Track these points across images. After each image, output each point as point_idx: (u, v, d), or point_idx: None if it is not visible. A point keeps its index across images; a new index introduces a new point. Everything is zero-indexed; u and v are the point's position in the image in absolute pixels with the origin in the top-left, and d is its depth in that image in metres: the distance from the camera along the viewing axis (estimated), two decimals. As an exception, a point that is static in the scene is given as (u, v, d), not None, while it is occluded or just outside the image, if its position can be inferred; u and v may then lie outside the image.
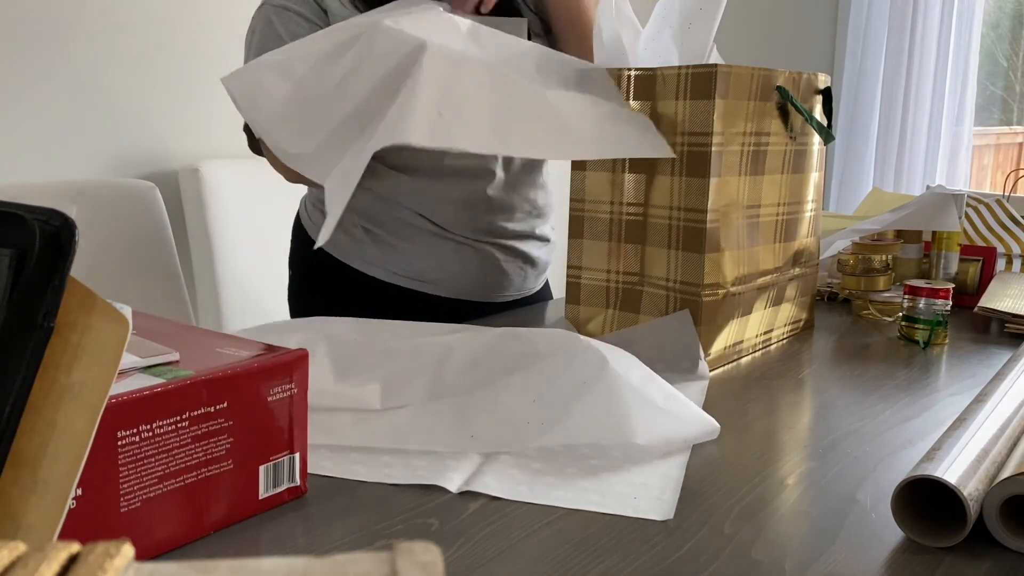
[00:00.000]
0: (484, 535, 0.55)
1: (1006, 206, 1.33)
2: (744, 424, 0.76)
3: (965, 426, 0.62)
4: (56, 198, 1.38)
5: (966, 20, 3.06)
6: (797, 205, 1.02)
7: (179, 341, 0.58)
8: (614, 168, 0.94)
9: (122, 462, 0.48)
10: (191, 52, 1.92)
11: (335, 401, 0.73)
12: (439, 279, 1.19)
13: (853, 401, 0.82)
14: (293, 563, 0.23)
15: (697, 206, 0.88)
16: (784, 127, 0.97)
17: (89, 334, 0.33)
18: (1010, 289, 1.17)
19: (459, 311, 1.14)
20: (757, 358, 0.97)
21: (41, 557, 0.23)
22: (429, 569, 0.22)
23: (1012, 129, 3.74)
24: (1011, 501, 0.54)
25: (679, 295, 0.91)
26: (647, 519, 0.57)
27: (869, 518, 0.58)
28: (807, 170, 1.03)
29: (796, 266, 1.04)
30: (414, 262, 1.18)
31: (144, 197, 1.46)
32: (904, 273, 1.28)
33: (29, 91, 1.68)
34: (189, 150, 1.94)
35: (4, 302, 0.31)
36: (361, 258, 1.20)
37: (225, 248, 1.88)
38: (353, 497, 0.60)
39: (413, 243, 1.18)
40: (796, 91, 0.97)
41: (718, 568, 0.51)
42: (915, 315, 1.03)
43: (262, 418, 0.55)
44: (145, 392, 0.48)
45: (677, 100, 0.89)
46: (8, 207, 0.32)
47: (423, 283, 1.19)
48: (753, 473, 0.65)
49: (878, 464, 0.67)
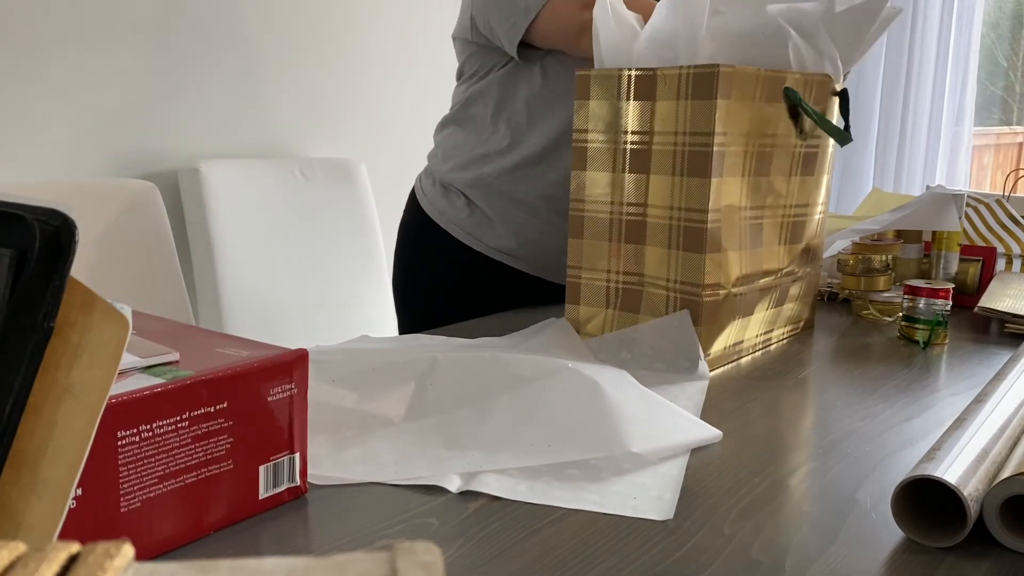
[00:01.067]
0: (484, 535, 0.55)
1: (1006, 206, 1.33)
2: (744, 424, 0.76)
3: (965, 426, 0.62)
4: (56, 198, 1.37)
5: (966, 20, 3.06)
6: (806, 207, 1.02)
7: (179, 341, 0.58)
8: (615, 168, 0.94)
9: (122, 462, 0.48)
10: (191, 52, 1.92)
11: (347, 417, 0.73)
12: (525, 255, 1.31)
13: (853, 401, 0.82)
14: (293, 563, 0.23)
15: (698, 206, 0.88)
16: (794, 128, 0.96)
17: (89, 334, 0.33)
18: (1010, 289, 1.17)
19: (544, 289, 1.31)
20: (757, 358, 0.97)
21: (41, 557, 0.23)
22: (429, 569, 0.22)
23: (1012, 129, 3.74)
24: (1011, 501, 0.54)
25: (679, 295, 0.91)
26: (647, 519, 0.57)
27: (869, 518, 0.58)
28: (818, 172, 1.02)
29: (799, 268, 1.04)
30: (507, 238, 1.30)
31: (144, 197, 1.46)
32: (904, 273, 1.28)
33: (29, 91, 1.68)
34: (189, 150, 1.94)
35: (4, 302, 0.31)
36: (460, 228, 1.32)
37: (225, 248, 1.88)
38: (353, 497, 0.60)
39: (506, 219, 1.29)
40: (808, 93, 0.97)
41: (718, 568, 0.51)
42: (915, 315, 1.03)
43: (262, 418, 0.55)
44: (145, 392, 0.48)
45: (678, 100, 0.88)
46: (8, 207, 0.32)
47: (515, 259, 1.31)
48: (753, 473, 0.65)
49: (878, 464, 0.67)
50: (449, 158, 1.34)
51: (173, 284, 1.48)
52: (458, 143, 1.33)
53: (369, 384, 0.75)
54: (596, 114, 0.94)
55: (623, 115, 0.92)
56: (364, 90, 2.28)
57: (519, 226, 1.29)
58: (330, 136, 2.25)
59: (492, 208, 1.29)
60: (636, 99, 0.92)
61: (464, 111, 1.33)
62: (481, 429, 0.69)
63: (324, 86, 2.22)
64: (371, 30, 2.27)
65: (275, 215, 1.99)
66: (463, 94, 1.34)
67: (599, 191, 0.95)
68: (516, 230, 1.29)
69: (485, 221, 1.30)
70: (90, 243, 1.33)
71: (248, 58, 2.02)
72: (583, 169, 0.96)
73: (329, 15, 2.20)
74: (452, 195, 1.32)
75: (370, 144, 2.30)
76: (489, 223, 1.30)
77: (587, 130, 0.95)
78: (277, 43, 2.08)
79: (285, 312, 1.98)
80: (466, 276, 1.32)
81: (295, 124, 2.17)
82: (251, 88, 2.05)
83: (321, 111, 2.22)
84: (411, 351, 0.82)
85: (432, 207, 1.34)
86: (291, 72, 2.13)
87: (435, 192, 1.34)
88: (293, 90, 2.14)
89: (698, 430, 0.71)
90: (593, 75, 0.94)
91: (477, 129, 1.31)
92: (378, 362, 0.77)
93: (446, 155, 1.34)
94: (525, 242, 1.30)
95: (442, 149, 1.36)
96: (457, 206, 1.31)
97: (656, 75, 0.90)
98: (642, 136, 0.92)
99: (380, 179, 2.24)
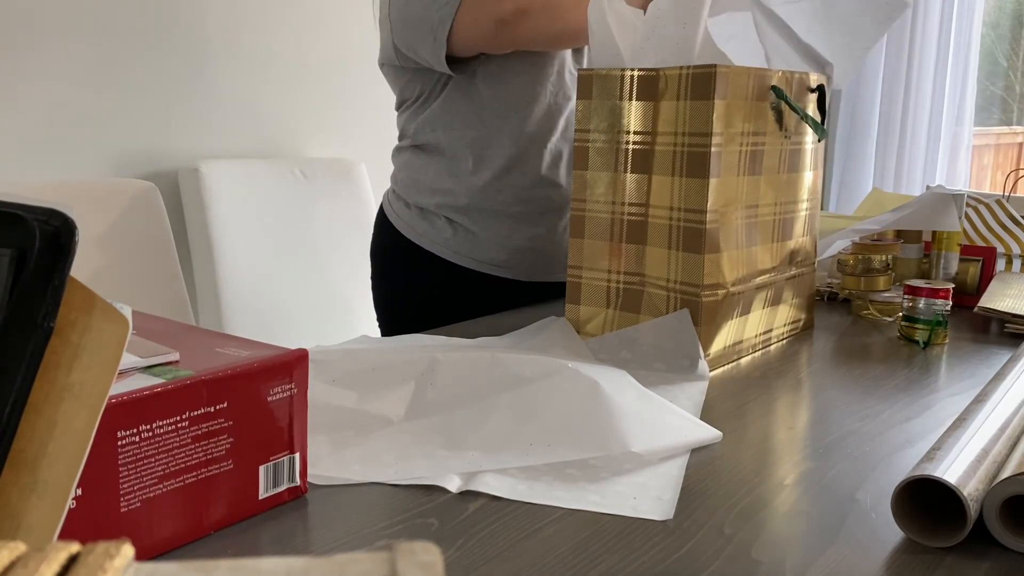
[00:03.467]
0: (484, 535, 0.55)
1: (1006, 206, 1.33)
2: (744, 424, 0.76)
3: (965, 426, 0.62)
4: (56, 198, 1.37)
5: (966, 20, 3.06)
6: (793, 204, 1.02)
7: (179, 341, 0.58)
8: (615, 168, 0.94)
9: (122, 462, 0.48)
10: (191, 52, 1.91)
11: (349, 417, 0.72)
12: (516, 263, 1.30)
13: (853, 401, 0.82)
14: (293, 563, 0.23)
15: (697, 206, 0.88)
16: (779, 127, 0.97)
17: (89, 334, 0.33)
18: (1010, 289, 1.17)
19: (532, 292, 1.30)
20: (757, 358, 0.97)
21: (41, 557, 0.23)
22: (429, 569, 0.22)
23: (1012, 129, 3.74)
24: (1011, 501, 0.54)
25: (679, 295, 0.91)
26: (647, 519, 0.57)
27: (869, 518, 0.58)
28: (802, 169, 1.03)
29: (793, 265, 1.04)
30: (492, 249, 1.29)
31: (144, 197, 1.46)
32: (904, 273, 1.28)
33: (29, 91, 1.68)
34: (189, 150, 1.94)
35: (4, 302, 0.31)
36: (446, 248, 1.30)
37: (225, 248, 1.88)
38: (353, 497, 0.60)
39: (492, 233, 1.29)
40: (790, 90, 0.97)
41: (718, 568, 0.51)
42: (915, 315, 1.03)
43: (262, 418, 0.55)
44: (145, 392, 0.48)
45: (678, 100, 0.89)
46: (8, 207, 0.32)
47: (507, 269, 1.30)
48: (753, 473, 0.65)
49: (878, 464, 0.67)
50: (417, 183, 1.31)
51: (173, 284, 1.48)
52: (422, 167, 1.30)
53: (369, 384, 0.75)
54: (597, 114, 0.94)
55: (625, 115, 0.92)
56: (364, 90, 2.28)
57: (505, 237, 1.28)
58: (330, 136, 2.25)
59: (476, 224, 1.28)
60: (638, 99, 0.92)
61: (419, 138, 1.30)
62: (481, 429, 0.69)
63: (324, 86, 2.22)
64: (372, 30, 2.27)
65: (275, 215, 1.99)
66: (411, 122, 1.31)
67: (600, 191, 0.95)
68: (502, 242, 1.28)
69: (470, 238, 1.28)
70: (90, 243, 1.33)
71: (248, 58, 2.02)
72: (584, 169, 0.96)
73: (329, 15, 2.20)
74: (431, 217, 1.30)
75: (370, 144, 2.30)
76: (475, 239, 1.28)
77: (588, 130, 0.95)
78: (277, 43, 2.08)
79: (285, 312, 1.98)
80: (454, 292, 1.30)
81: (295, 124, 2.17)
82: (251, 88, 2.05)
83: (321, 111, 2.22)
84: (411, 351, 0.82)
85: (412, 230, 1.31)
86: (291, 72, 2.13)
87: (412, 215, 1.32)
88: (293, 90, 2.14)
89: (698, 430, 0.71)
90: (595, 75, 0.94)
91: (439, 155, 1.29)
92: (378, 362, 0.77)
93: (413, 181, 1.32)
94: (516, 251, 1.29)
95: (406, 174, 1.33)
96: (438, 227, 1.29)
97: (659, 75, 0.90)
98: (644, 136, 0.92)
99: (380, 179, 2.23)
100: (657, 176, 0.91)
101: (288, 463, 0.58)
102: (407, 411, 0.72)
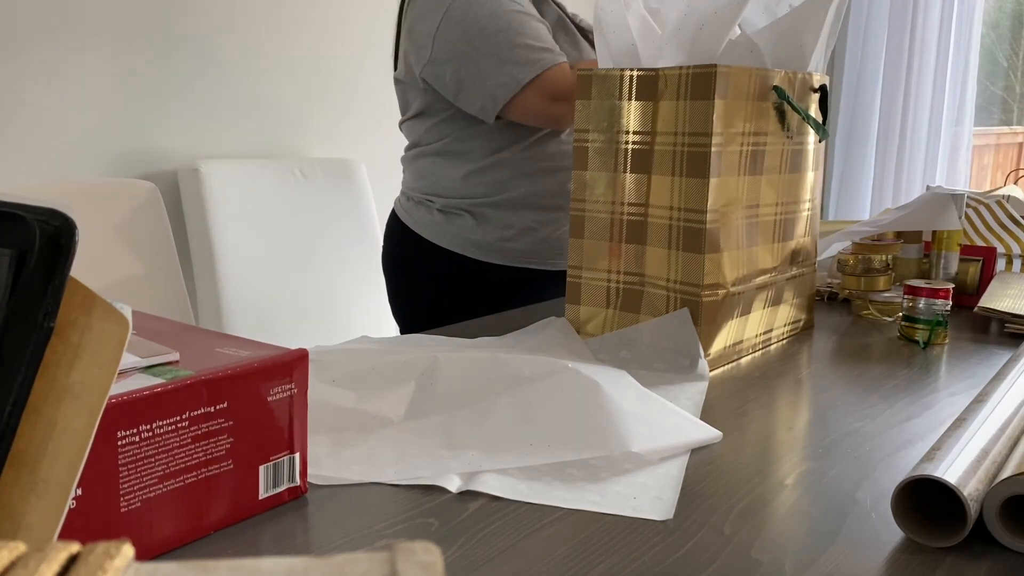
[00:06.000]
0: (484, 535, 0.55)
1: (1006, 206, 1.33)
2: (744, 424, 0.76)
3: (965, 426, 0.62)
4: (56, 198, 1.38)
5: (966, 20, 3.06)
6: (794, 204, 1.02)
7: (179, 341, 0.58)
8: (615, 168, 0.94)
9: (122, 462, 0.48)
10: (191, 52, 1.91)
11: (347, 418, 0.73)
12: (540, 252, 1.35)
13: (853, 401, 0.82)
14: (293, 563, 0.23)
15: (697, 206, 0.88)
16: (781, 127, 0.97)
17: (89, 334, 0.33)
18: (1010, 289, 1.17)
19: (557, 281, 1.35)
20: (757, 358, 0.97)
21: (41, 557, 0.23)
22: (429, 569, 0.22)
23: (1012, 129, 3.74)
24: (1011, 501, 0.54)
25: (679, 295, 0.91)
26: (647, 519, 0.57)
27: (869, 518, 0.58)
28: (804, 169, 1.03)
29: (793, 266, 1.04)
30: (519, 241, 1.33)
31: (144, 197, 1.46)
32: (904, 273, 1.28)
33: (29, 91, 1.68)
34: (189, 150, 1.94)
35: (4, 302, 0.31)
36: (474, 246, 1.34)
37: (225, 248, 1.88)
38: (353, 497, 0.60)
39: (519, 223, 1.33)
40: (792, 90, 0.97)
41: (718, 568, 0.51)
42: (915, 315, 1.03)
43: (262, 418, 0.55)
44: (145, 392, 0.48)
45: (678, 100, 0.89)
46: (8, 207, 0.32)
47: (530, 259, 1.35)
48: (753, 473, 0.65)
49: (878, 464, 0.67)
50: (439, 186, 1.35)
51: (173, 284, 1.48)
52: (445, 170, 1.34)
53: (369, 384, 0.75)
54: (597, 114, 0.94)
55: (624, 115, 0.92)
56: (364, 90, 2.28)
57: (533, 230, 1.33)
58: (330, 136, 2.25)
59: (504, 218, 1.32)
60: (638, 99, 0.92)
61: (440, 145, 1.34)
62: (481, 429, 0.69)
63: (324, 86, 2.22)
64: (372, 29, 2.27)
65: (275, 215, 1.99)
66: (432, 131, 1.34)
67: (599, 191, 0.95)
68: (529, 234, 1.33)
69: (498, 233, 1.33)
70: (90, 243, 1.33)
71: (248, 58, 2.02)
72: (584, 169, 0.96)
73: (329, 15, 2.20)
74: (455, 217, 1.34)
75: (370, 144, 2.30)
76: (501, 233, 1.33)
77: (588, 130, 0.95)
78: (277, 43, 2.08)
79: (285, 312, 1.98)
80: (483, 289, 1.35)
81: (295, 124, 2.16)
82: (251, 88, 2.05)
83: (321, 111, 2.22)
84: (411, 351, 0.82)
85: (437, 233, 1.35)
86: (291, 72, 2.13)
87: (435, 219, 1.35)
88: (293, 90, 2.14)
89: (698, 430, 0.71)
90: (594, 75, 0.94)
91: (462, 158, 1.33)
92: (378, 362, 0.77)
93: (434, 184, 1.36)
94: (542, 241, 1.34)
95: (426, 181, 1.36)
96: (465, 226, 1.33)
97: (658, 75, 0.90)
98: (643, 136, 0.92)
99: (380, 179, 2.24)
100: (656, 176, 0.91)
101: (288, 463, 0.58)
102: (407, 411, 0.72)
